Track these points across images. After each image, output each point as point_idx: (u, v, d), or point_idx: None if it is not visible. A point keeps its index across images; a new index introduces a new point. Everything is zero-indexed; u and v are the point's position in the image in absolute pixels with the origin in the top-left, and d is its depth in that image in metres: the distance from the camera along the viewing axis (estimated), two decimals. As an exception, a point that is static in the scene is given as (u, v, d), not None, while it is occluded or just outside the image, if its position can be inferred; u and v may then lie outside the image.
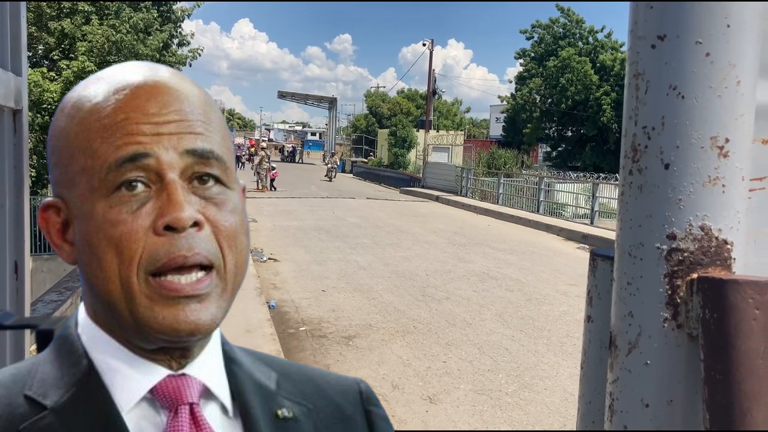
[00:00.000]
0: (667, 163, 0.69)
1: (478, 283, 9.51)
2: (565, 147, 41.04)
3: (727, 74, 0.67)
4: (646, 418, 0.70)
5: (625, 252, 0.73)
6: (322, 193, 24.44)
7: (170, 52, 18.27)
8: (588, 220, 17.04)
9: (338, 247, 12.13)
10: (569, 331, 7.25)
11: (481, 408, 5.19)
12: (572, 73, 37.70)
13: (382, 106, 47.24)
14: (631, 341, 0.71)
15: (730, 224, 0.68)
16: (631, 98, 0.72)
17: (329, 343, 6.70)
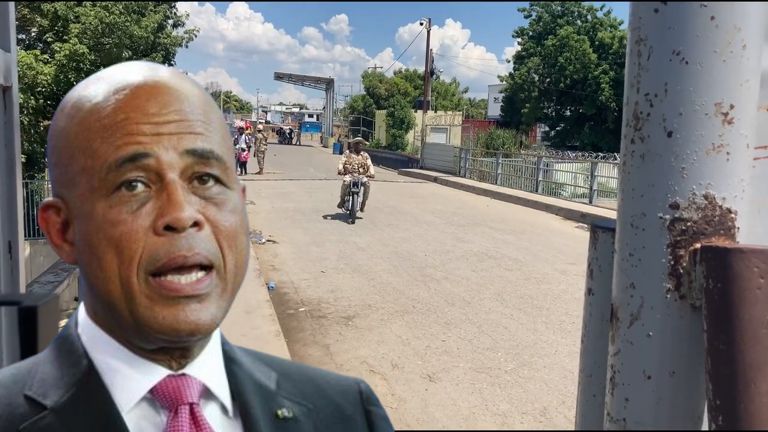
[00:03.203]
0: (670, 130, 0.67)
1: (477, 263, 9.52)
2: (563, 126, 40.91)
3: (733, 38, 0.65)
4: (648, 390, 0.69)
5: (627, 222, 0.71)
6: (320, 175, 24.37)
7: (165, 33, 18.12)
8: (587, 200, 17.03)
9: (337, 229, 12.13)
10: (568, 309, 7.28)
11: (480, 386, 5.23)
12: (571, 51, 37.45)
13: (379, 86, 46.97)
14: (633, 313, 0.70)
15: (735, 193, 0.67)
16: (632, 65, 0.70)
17: (329, 323, 6.72)
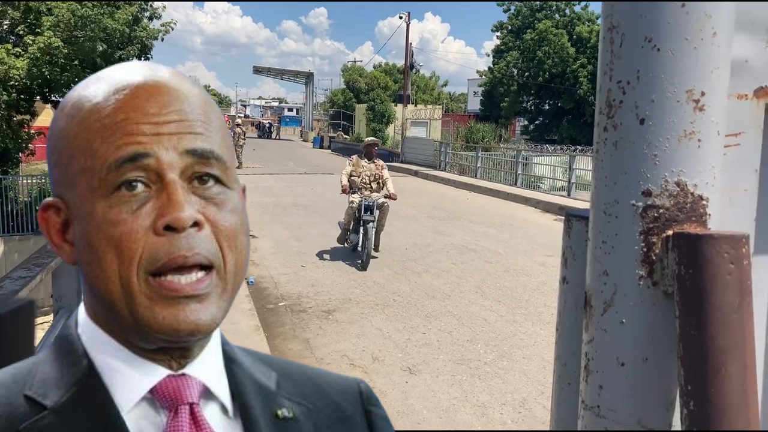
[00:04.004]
0: (642, 117, 0.67)
1: (457, 256, 9.56)
2: (542, 120, 41.17)
3: (703, 25, 0.65)
4: (621, 377, 0.70)
5: (600, 210, 0.71)
6: (300, 169, 24.26)
7: (141, 26, 17.85)
8: (565, 193, 17.17)
9: (317, 223, 12.09)
10: (546, 301, 7.34)
11: (461, 377, 5.25)
12: (549, 45, 37.66)
13: (359, 80, 46.84)
14: (607, 300, 0.71)
15: (706, 180, 0.67)
16: (605, 52, 0.70)
17: (309, 317, 6.70)
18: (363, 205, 8.68)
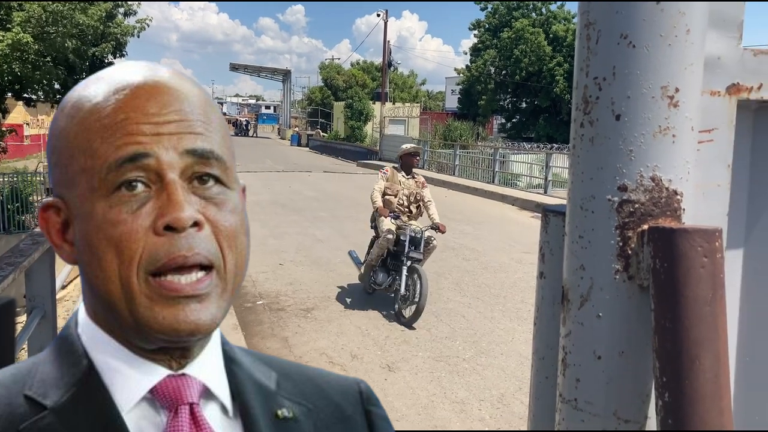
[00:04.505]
0: (618, 113, 0.68)
1: (436, 253, 9.57)
2: (519, 118, 41.47)
3: (677, 22, 0.66)
4: (598, 370, 0.71)
5: (576, 205, 0.72)
6: (278, 167, 24.13)
7: (115, 22, 17.60)
8: (542, 190, 17.33)
9: (295, 221, 12.04)
10: (524, 297, 7.40)
11: (439, 374, 5.28)
12: (526, 44, 37.93)
13: (337, 78, 46.73)
14: (583, 294, 0.71)
15: (680, 175, 0.68)
16: (582, 49, 0.71)
17: (287, 315, 6.67)
18: (409, 237, 6.47)
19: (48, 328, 3.30)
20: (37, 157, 25.11)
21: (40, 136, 31.04)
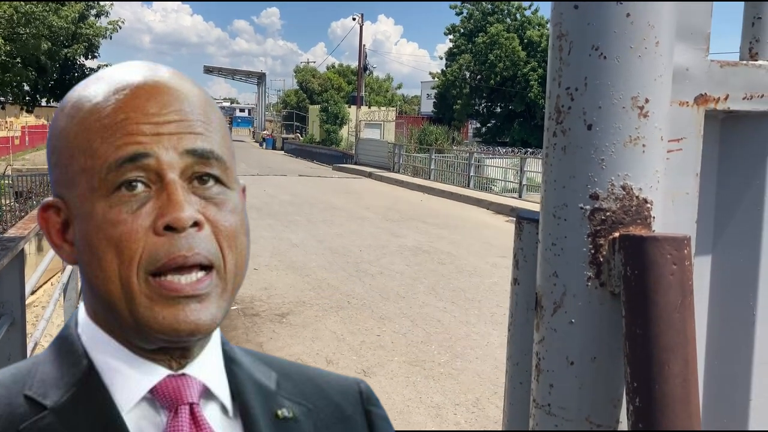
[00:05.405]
0: (589, 123, 0.69)
1: (411, 257, 9.61)
2: (494, 123, 41.85)
3: (647, 35, 0.68)
4: (571, 376, 0.72)
5: (549, 213, 0.73)
6: (252, 171, 23.97)
7: (87, 23, 17.36)
8: (516, 194, 17.49)
9: (270, 225, 11.97)
10: (499, 301, 7.45)
11: (415, 379, 5.28)
12: (500, 49, 38.31)
13: (312, 81, 46.65)
14: (556, 301, 0.72)
15: (650, 183, 0.70)
16: (554, 59, 0.72)
17: (262, 321, 6.63)
18: None
19: (17, 334, 3.23)
20: (6, 160, 24.59)
21: (8, 139, 30.40)
